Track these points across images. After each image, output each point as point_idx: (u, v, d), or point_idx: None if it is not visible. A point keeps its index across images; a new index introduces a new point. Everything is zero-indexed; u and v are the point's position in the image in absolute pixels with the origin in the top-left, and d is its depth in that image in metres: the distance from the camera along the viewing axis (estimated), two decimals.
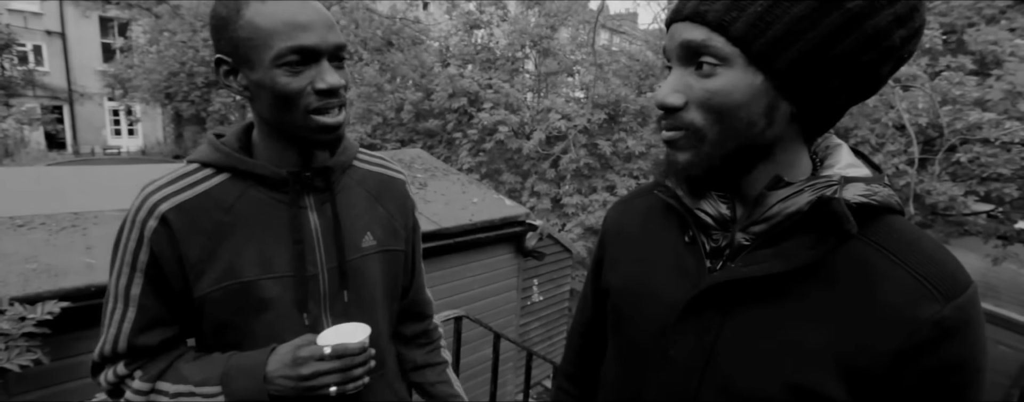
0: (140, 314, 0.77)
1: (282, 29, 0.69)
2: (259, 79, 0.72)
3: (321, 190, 0.83)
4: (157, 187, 0.77)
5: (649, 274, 0.68)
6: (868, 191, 0.55)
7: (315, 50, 0.71)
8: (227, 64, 0.74)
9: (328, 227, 0.83)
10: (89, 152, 14.60)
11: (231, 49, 0.72)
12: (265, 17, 0.69)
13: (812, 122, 0.57)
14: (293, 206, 0.80)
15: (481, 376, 3.37)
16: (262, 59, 0.70)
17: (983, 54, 5.37)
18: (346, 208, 0.86)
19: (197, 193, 0.77)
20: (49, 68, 14.45)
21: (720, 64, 0.52)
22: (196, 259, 0.76)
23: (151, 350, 0.79)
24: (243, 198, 0.79)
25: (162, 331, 0.79)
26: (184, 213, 0.75)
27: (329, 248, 0.83)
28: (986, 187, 4.75)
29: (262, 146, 0.81)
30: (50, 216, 2.60)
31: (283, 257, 0.79)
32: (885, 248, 0.54)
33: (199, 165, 0.80)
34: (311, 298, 0.81)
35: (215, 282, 0.76)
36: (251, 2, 0.70)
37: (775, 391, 0.55)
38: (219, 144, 0.80)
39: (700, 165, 0.57)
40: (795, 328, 0.55)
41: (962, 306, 0.51)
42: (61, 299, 1.92)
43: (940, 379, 0.51)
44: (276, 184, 0.80)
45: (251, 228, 0.78)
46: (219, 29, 0.73)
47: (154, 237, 0.75)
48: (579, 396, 0.89)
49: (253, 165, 0.79)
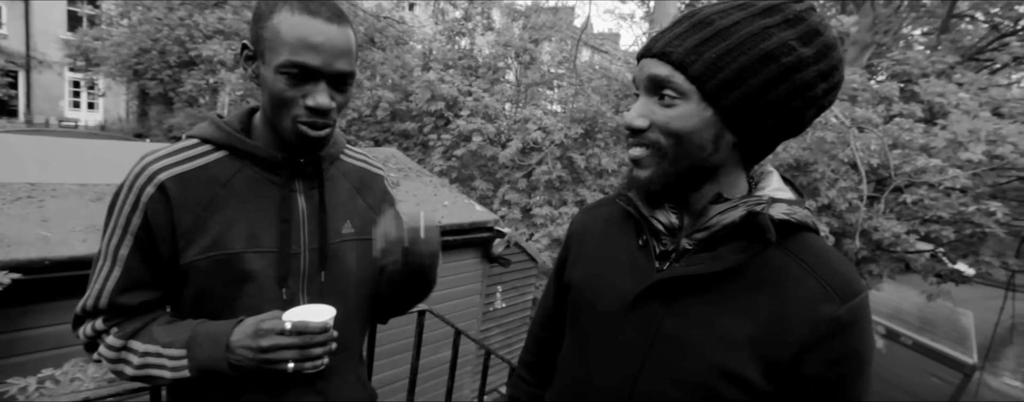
0: (124, 274, 0.81)
1: (294, 43, 0.75)
2: (265, 76, 0.79)
3: (310, 177, 0.89)
4: (158, 157, 0.82)
5: (606, 271, 0.78)
6: (789, 210, 0.66)
7: (314, 70, 0.77)
8: (249, 51, 0.81)
9: (314, 211, 0.88)
10: (43, 122, 13.87)
11: (255, 40, 0.80)
12: (286, 27, 0.76)
13: (750, 151, 0.69)
14: (284, 187, 0.85)
15: (440, 378, 3.37)
16: (271, 61, 0.77)
17: (932, 104, 5.76)
18: (331, 196, 0.92)
19: (196, 166, 0.82)
20: (7, 31, 13.71)
21: (679, 97, 0.63)
22: (188, 227, 0.80)
23: (129, 310, 0.83)
24: (239, 175, 0.84)
25: (142, 293, 0.83)
26: (182, 183, 0.80)
27: (313, 230, 0.88)
28: (927, 228, 5.08)
29: (261, 130, 0.87)
30: (5, 184, 2.50)
31: (270, 234, 0.84)
32: (799, 258, 0.65)
33: (199, 141, 0.85)
34: (292, 275, 0.86)
35: (203, 251, 0.80)
36: (284, 10, 0.76)
37: (706, 374, 0.65)
38: (222, 123, 0.86)
39: (658, 181, 0.68)
40: (724, 320, 0.65)
41: (854, 308, 0.62)
42: (12, 270, 1.85)
43: (833, 367, 0.62)
44: (271, 165, 0.85)
45: (243, 204, 0.83)
46: (256, 20, 0.79)
47: (150, 203, 0.79)
48: (536, 383, 0.97)
49: (252, 146, 0.84)
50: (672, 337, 0.68)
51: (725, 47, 0.61)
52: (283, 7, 0.77)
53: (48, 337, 2.05)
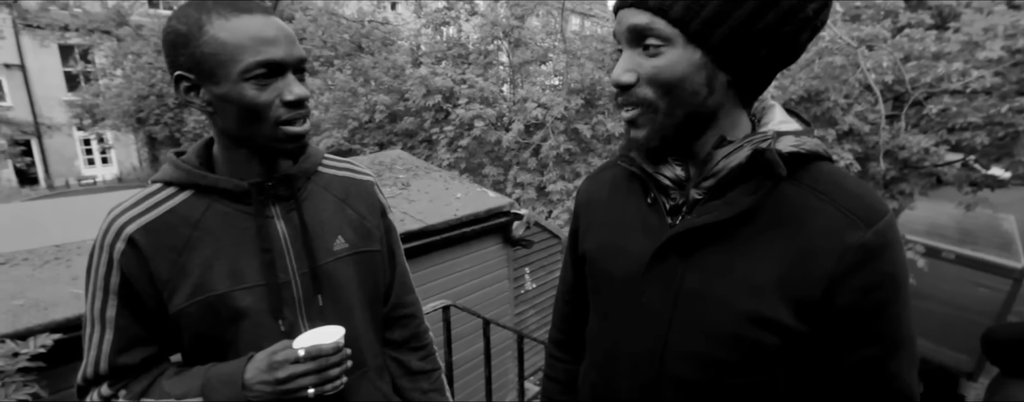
0: (118, 335, 0.78)
1: (249, 44, 0.71)
2: (225, 93, 0.73)
3: (285, 198, 0.85)
4: (122, 210, 0.78)
5: (619, 235, 0.75)
6: (797, 142, 0.62)
7: (281, 64, 0.73)
8: (188, 80, 0.75)
9: (296, 234, 0.84)
10: (63, 184, 14.30)
11: (193, 65, 0.73)
12: (231, 32, 0.71)
13: (747, 88, 0.64)
14: (259, 216, 0.82)
15: (479, 369, 3.42)
16: (229, 73, 0.72)
17: (941, 9, 5.49)
18: (313, 214, 0.88)
19: (162, 212, 0.79)
20: (11, 102, 14.07)
21: (663, 44, 0.59)
22: (167, 276, 0.77)
23: (133, 369, 0.80)
24: (209, 212, 0.80)
25: (141, 350, 0.80)
26: (151, 233, 0.77)
27: (299, 254, 0.84)
28: (957, 137, 4.89)
29: (223, 160, 0.82)
30: (32, 251, 2.58)
31: (253, 267, 0.81)
32: (815, 189, 0.62)
33: (162, 184, 0.81)
34: (286, 305, 0.83)
35: (188, 297, 0.78)
36: (214, 19, 0.71)
37: (735, 323, 0.62)
38: (180, 162, 0.81)
39: (656, 137, 0.64)
40: (746, 266, 0.62)
41: (881, 231, 0.58)
42: (52, 332, 1.91)
43: (868, 295, 0.59)
44: (239, 196, 0.81)
45: (219, 242, 0.80)
46: (178, 46, 0.73)
47: (123, 259, 0.76)
48: (569, 359, 0.95)
49: (215, 180, 0.80)
50: (695, 291, 0.65)
51: None
52: (210, 18, 0.71)
53: None
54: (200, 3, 0.73)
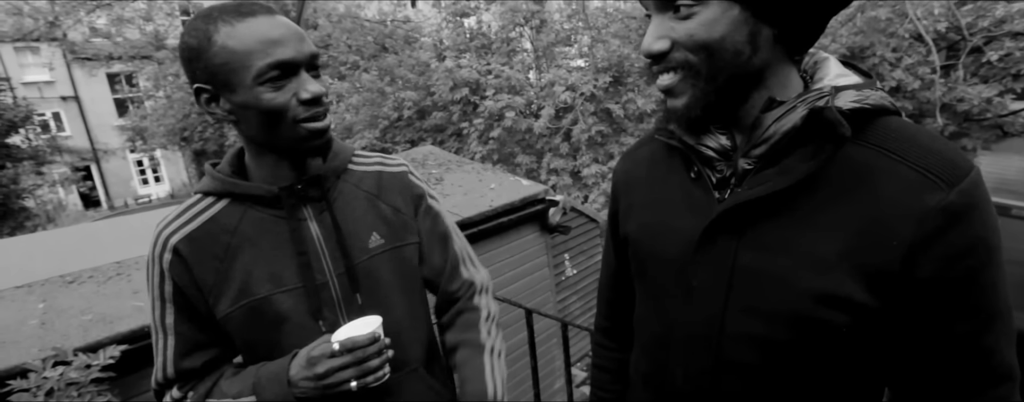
0: (178, 340, 0.82)
1: (257, 47, 0.71)
2: (242, 100, 0.74)
3: (317, 200, 0.85)
4: (167, 222, 0.82)
5: (662, 214, 0.70)
6: (860, 96, 0.55)
7: (293, 63, 0.73)
8: (207, 92, 0.76)
9: (330, 234, 0.85)
10: (123, 205, 15.21)
11: (208, 77, 0.74)
12: (238, 39, 0.71)
13: (795, 41, 0.58)
14: (291, 220, 0.83)
15: (524, 359, 3.42)
16: (242, 80, 0.72)
17: None
18: (346, 212, 0.88)
19: (203, 221, 0.81)
20: (70, 131, 15.03)
21: (696, 3, 0.54)
22: (212, 283, 0.80)
23: (196, 372, 0.84)
24: (245, 219, 0.82)
25: (202, 354, 0.84)
26: (193, 242, 0.80)
27: (334, 255, 0.85)
28: (1022, 83, 4.50)
29: (254, 166, 0.84)
30: (96, 269, 2.73)
31: (290, 270, 0.82)
32: (884, 148, 0.55)
33: (203, 195, 0.84)
34: (325, 305, 0.84)
35: (233, 302, 0.80)
36: (220, 28, 0.71)
37: (799, 303, 0.56)
38: (214, 172, 0.84)
39: (698, 105, 0.59)
40: (807, 239, 0.56)
41: (966, 190, 0.51)
42: (119, 343, 2.02)
43: (956, 264, 0.52)
44: (271, 201, 0.82)
45: (257, 247, 0.82)
46: (192, 60, 0.74)
47: (172, 269, 0.80)
48: (616, 348, 0.91)
49: (246, 186, 0.82)
50: (752, 270, 0.59)
51: None
52: (217, 27, 0.72)
53: None
54: (206, 14, 0.74)
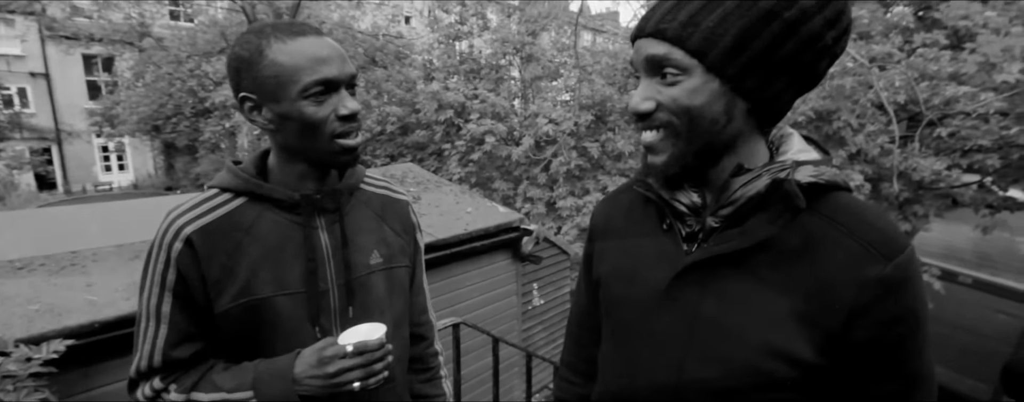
0: (172, 330, 0.83)
1: (306, 64, 0.77)
2: (285, 111, 0.79)
3: (331, 211, 0.90)
4: (182, 212, 0.84)
5: (634, 261, 0.75)
6: (817, 172, 0.62)
7: (336, 81, 0.79)
8: (252, 100, 0.81)
9: (337, 246, 0.89)
10: (80, 190, 14.55)
11: (255, 87, 0.79)
12: (289, 55, 0.77)
13: (766, 115, 0.64)
14: (306, 227, 0.87)
15: (486, 384, 3.39)
16: (288, 93, 0.78)
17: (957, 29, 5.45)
18: (354, 227, 0.92)
19: (218, 216, 0.84)
20: (35, 109, 14.43)
21: (681, 73, 0.60)
22: (217, 278, 0.82)
23: (184, 363, 0.84)
24: (260, 220, 0.85)
25: (192, 345, 0.84)
26: (207, 235, 0.82)
27: (338, 265, 0.89)
28: (969, 159, 4.82)
29: (278, 171, 0.88)
30: (49, 256, 2.62)
31: (296, 274, 0.85)
32: (834, 220, 0.61)
33: (219, 190, 0.87)
34: (322, 313, 0.87)
35: (233, 299, 0.82)
36: (273, 43, 0.77)
37: (750, 354, 0.62)
38: (238, 170, 0.87)
39: (676, 164, 0.64)
40: (763, 296, 0.62)
41: (901, 265, 0.58)
42: (65, 338, 1.93)
43: (889, 330, 0.58)
44: (290, 206, 0.86)
45: (266, 248, 0.84)
46: (241, 70, 0.80)
47: (180, 258, 0.81)
48: (580, 383, 0.95)
49: (270, 189, 0.86)
50: (712, 320, 0.65)
51: (721, 13, 0.57)
52: (270, 42, 0.77)
53: (109, 395, 2.14)
54: (259, 30, 0.80)
